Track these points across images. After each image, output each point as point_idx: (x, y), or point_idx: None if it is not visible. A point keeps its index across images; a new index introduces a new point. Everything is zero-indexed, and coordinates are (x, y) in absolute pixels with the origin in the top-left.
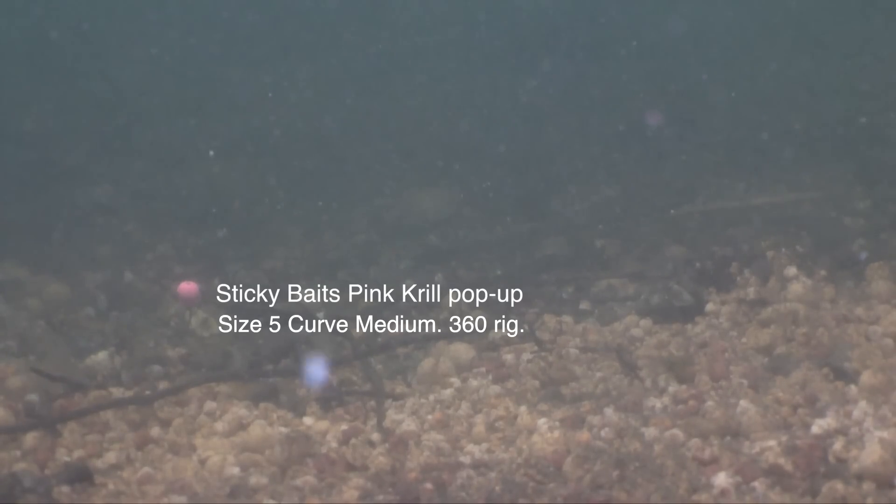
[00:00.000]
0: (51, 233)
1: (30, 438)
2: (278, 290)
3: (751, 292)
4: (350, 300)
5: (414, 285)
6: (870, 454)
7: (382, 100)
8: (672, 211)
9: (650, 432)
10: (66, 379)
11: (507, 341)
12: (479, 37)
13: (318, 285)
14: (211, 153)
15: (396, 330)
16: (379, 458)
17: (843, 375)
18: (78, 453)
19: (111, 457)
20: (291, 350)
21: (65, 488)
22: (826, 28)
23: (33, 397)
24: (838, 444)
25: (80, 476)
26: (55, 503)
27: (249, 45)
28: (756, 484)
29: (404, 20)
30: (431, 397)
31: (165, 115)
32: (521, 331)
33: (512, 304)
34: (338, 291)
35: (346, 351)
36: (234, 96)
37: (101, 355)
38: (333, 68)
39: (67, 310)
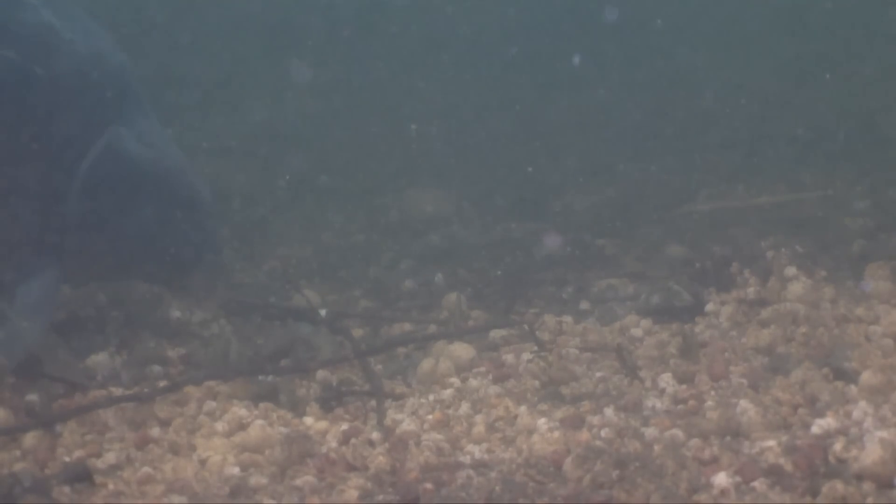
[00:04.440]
0: None
1: (29, 438)
2: (278, 290)
3: (751, 292)
4: (350, 300)
5: (414, 285)
6: (870, 454)
7: (382, 100)
8: (672, 211)
9: (650, 432)
10: (65, 379)
11: (507, 341)
12: (479, 36)
13: (318, 285)
14: (208, 150)
15: (396, 330)
16: (379, 458)
17: (843, 375)
18: (78, 453)
19: (111, 457)
20: (291, 349)
21: (65, 488)
22: (828, 27)
23: (33, 397)
24: (838, 444)
25: (80, 476)
26: (55, 503)
27: (250, 43)
28: (756, 484)
29: (404, 20)
30: (431, 397)
31: (165, 114)
32: (521, 331)
33: (512, 304)
34: (338, 291)
35: (346, 351)
36: (234, 95)
37: (101, 355)
38: (334, 67)
39: (67, 310)
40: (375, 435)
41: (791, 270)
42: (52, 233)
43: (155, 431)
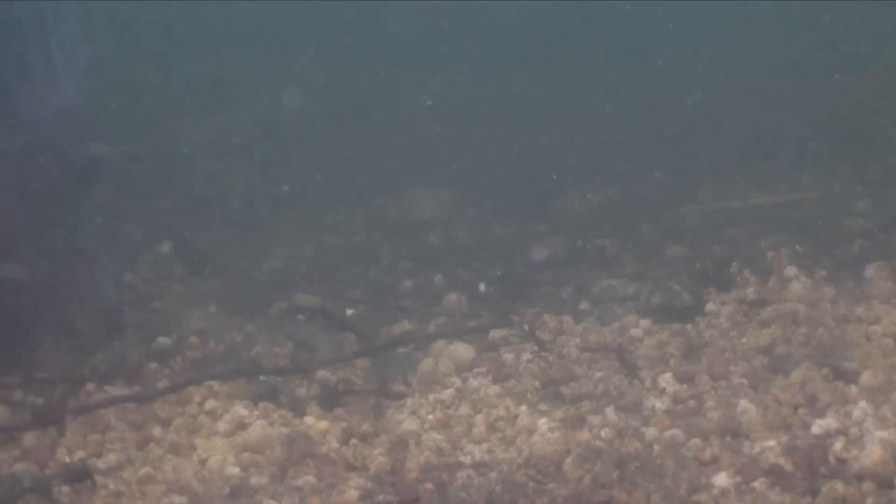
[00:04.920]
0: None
1: (30, 438)
2: (278, 290)
3: (751, 292)
4: (350, 300)
5: (413, 285)
6: (870, 454)
7: (382, 99)
8: (672, 211)
9: (650, 432)
10: (66, 378)
11: (507, 341)
12: (479, 34)
13: (318, 285)
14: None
15: (396, 330)
16: (379, 458)
17: (843, 375)
18: (79, 454)
19: (112, 457)
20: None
21: (65, 488)
22: (827, 26)
23: (38, 400)
24: (838, 444)
25: (81, 476)
26: (55, 503)
27: (249, 39)
28: (756, 484)
29: (399, 15)
30: (431, 397)
31: (165, 113)
32: (521, 331)
33: (512, 304)
34: (338, 291)
35: (346, 350)
36: (233, 93)
37: (100, 356)
38: (333, 66)
39: (70, 307)
40: (376, 434)
41: (791, 270)
42: None
43: (156, 431)
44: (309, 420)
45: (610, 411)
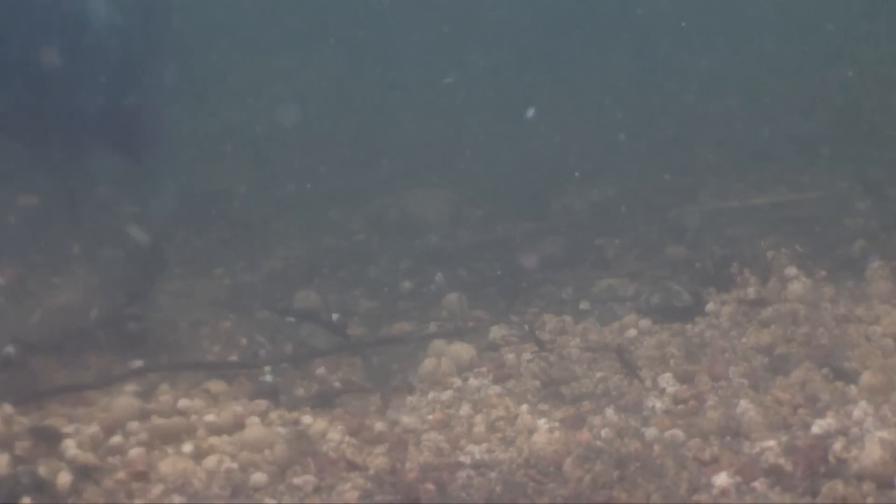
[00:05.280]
0: (49, 233)
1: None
2: (278, 290)
3: (751, 292)
4: (350, 300)
5: (413, 285)
6: (870, 454)
7: (383, 99)
8: (672, 211)
9: (650, 432)
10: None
11: (507, 341)
12: (478, 34)
13: (318, 285)
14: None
15: (396, 330)
16: (379, 458)
17: (843, 375)
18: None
19: (112, 453)
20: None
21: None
22: (827, 27)
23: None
24: (838, 444)
25: (81, 474)
26: (55, 503)
27: (249, 40)
28: (756, 484)
29: (400, 16)
30: (431, 397)
31: (165, 113)
32: (522, 331)
33: (512, 304)
34: (338, 291)
35: (345, 350)
36: (233, 94)
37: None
38: (334, 67)
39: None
40: (376, 433)
41: (791, 270)
42: None
43: (155, 428)
44: (307, 419)
45: (610, 411)
